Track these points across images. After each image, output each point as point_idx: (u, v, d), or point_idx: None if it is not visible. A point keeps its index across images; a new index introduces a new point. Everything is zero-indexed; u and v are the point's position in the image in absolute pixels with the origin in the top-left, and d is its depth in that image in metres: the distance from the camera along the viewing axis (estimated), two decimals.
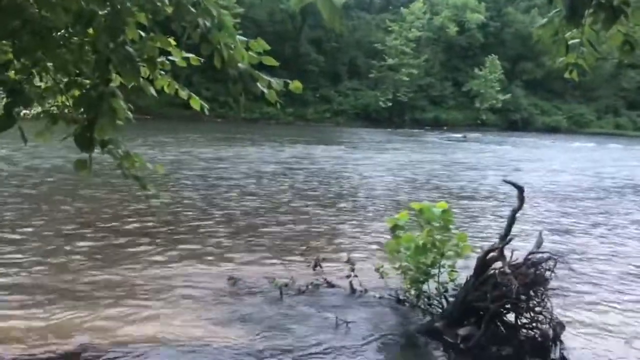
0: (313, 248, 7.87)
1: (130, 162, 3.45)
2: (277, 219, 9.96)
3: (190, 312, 5.46)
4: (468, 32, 61.57)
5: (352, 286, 6.10)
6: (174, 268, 6.76)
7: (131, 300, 5.65)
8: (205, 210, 10.37)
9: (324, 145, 27.52)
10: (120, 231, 8.40)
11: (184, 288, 6.08)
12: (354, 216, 10.73)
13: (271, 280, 6.23)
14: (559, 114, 62.61)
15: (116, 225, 8.76)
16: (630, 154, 33.59)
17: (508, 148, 33.67)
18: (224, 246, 7.92)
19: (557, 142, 42.37)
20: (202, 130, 29.65)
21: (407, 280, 5.74)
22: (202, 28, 2.66)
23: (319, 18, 52.63)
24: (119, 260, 6.89)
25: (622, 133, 59.64)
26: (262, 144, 25.95)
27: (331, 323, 5.30)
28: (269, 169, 17.30)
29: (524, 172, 20.74)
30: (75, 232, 8.21)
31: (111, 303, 5.52)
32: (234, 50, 2.92)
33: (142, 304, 5.57)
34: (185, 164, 17.14)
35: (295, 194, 12.91)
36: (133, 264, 6.81)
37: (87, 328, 4.91)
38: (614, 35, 2.93)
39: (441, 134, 45.44)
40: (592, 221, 11.48)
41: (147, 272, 6.55)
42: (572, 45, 3.07)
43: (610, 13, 2.62)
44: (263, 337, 4.97)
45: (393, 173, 18.18)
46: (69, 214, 9.44)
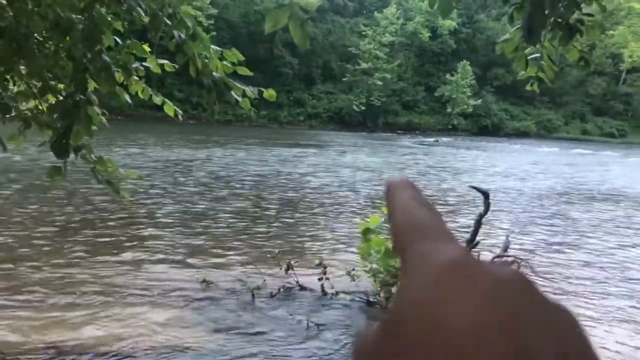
0: (285, 251, 7.94)
1: (103, 167, 3.49)
2: (250, 222, 10.00)
3: (161, 315, 5.48)
4: (440, 38, 62.43)
5: (323, 289, 6.20)
6: (145, 271, 6.76)
7: (102, 303, 5.64)
8: (177, 213, 10.35)
9: (297, 149, 27.60)
10: (90, 234, 8.34)
11: (155, 291, 6.09)
12: (326, 219, 10.84)
13: (243, 283, 6.30)
14: (528, 119, 63.89)
15: (86, 227, 8.70)
16: (594, 159, 34.49)
17: (478, 152, 34.24)
18: (196, 249, 7.94)
19: (525, 146, 43.24)
20: (174, 132, 29.45)
21: (377, 283, 5.87)
22: (177, 39, 2.73)
23: None
24: (89, 264, 6.86)
25: (588, 138, 61.22)
26: (235, 147, 25.90)
27: (302, 326, 5.38)
28: (241, 171, 17.30)
29: (493, 176, 21.15)
30: (46, 234, 8.12)
31: (80, 307, 5.50)
32: (209, 60, 2.99)
33: (113, 307, 5.56)
34: (157, 166, 17.02)
35: (267, 197, 12.95)
36: (103, 267, 6.78)
37: (55, 332, 4.90)
38: (571, 51, 3.10)
39: (413, 138, 45.96)
40: (557, 225, 11.80)
41: (117, 275, 6.53)
42: (533, 59, 3.23)
43: (566, 31, 2.78)
44: (234, 340, 5.04)
45: (366, 176, 18.35)
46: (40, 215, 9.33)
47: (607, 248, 9.79)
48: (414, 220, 0.28)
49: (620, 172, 25.82)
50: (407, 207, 0.29)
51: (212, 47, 3.21)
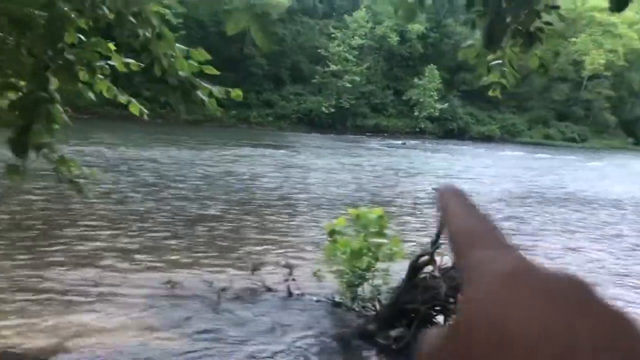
0: (252, 252, 7.93)
1: (65, 166, 3.43)
2: (216, 224, 9.94)
3: (126, 316, 5.41)
4: (409, 42, 63.05)
5: (289, 290, 6.21)
6: (110, 272, 6.66)
7: (65, 304, 5.54)
8: (143, 213, 10.21)
9: (265, 149, 27.52)
10: (52, 235, 8.16)
11: (120, 292, 6.01)
12: (293, 221, 10.85)
13: (209, 285, 6.26)
14: (493, 124, 65.01)
15: (49, 228, 8.51)
16: (556, 163, 35.36)
17: (444, 155, 34.73)
18: (161, 250, 7.85)
19: (489, 150, 44.03)
20: (142, 132, 28.99)
21: (342, 284, 5.90)
22: (143, 38, 2.70)
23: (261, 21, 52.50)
24: (52, 265, 6.72)
25: (551, 143, 62.67)
26: (203, 147, 25.66)
27: (267, 326, 5.38)
28: (209, 172, 17.16)
29: (457, 179, 21.48)
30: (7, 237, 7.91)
31: (42, 310, 5.39)
32: (174, 59, 2.97)
33: (75, 310, 5.47)
34: (121, 166, 16.75)
35: (235, 198, 12.89)
36: (67, 268, 6.65)
37: (16, 336, 4.78)
38: (532, 58, 3.19)
39: (381, 141, 46.32)
40: (518, 227, 12.07)
41: (82, 276, 6.42)
42: (495, 65, 3.31)
43: (526, 39, 2.86)
44: (199, 340, 5.00)
45: (334, 178, 18.42)
46: None
47: (563, 249, 10.07)
48: (472, 228, 0.29)
49: (580, 176, 26.54)
50: (463, 216, 0.30)
51: (178, 46, 3.20)
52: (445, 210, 0.31)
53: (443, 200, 0.32)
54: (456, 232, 0.29)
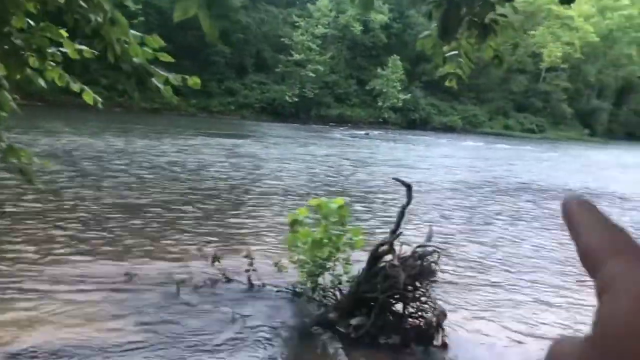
0: (212, 243, 7.86)
1: (14, 156, 3.32)
2: (175, 214, 9.81)
3: (83, 309, 5.31)
4: (372, 32, 63.28)
5: (250, 280, 6.19)
6: (67, 264, 6.51)
7: (19, 298, 5.39)
8: (100, 204, 9.99)
9: (227, 139, 27.26)
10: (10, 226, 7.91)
11: (77, 285, 5.89)
12: (254, 211, 10.80)
13: (168, 276, 6.19)
14: (455, 114, 66.04)
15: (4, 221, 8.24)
16: (515, 153, 36.20)
17: (406, 145, 35.11)
18: (119, 242, 7.71)
19: (451, 140, 44.75)
20: (98, 120, 28.31)
21: (303, 274, 5.92)
22: (94, 23, 2.63)
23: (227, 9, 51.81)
24: (11, 256, 6.52)
25: (510, 134, 64.10)
26: (161, 136, 25.24)
27: (228, 317, 5.36)
28: (167, 161, 16.89)
29: (419, 168, 21.77)
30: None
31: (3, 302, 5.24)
32: (128, 45, 2.90)
33: (33, 302, 5.33)
34: (76, 155, 16.32)
35: (195, 188, 12.74)
36: (20, 260, 6.47)
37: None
38: (487, 49, 3.24)
39: (345, 131, 46.47)
40: (478, 216, 12.34)
41: (38, 268, 6.25)
42: (451, 56, 3.35)
43: (481, 30, 2.90)
44: (158, 333, 4.95)
45: (296, 168, 18.41)
46: None
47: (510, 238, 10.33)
48: (605, 239, 0.28)
49: (536, 167, 27.26)
50: (594, 226, 0.29)
51: (132, 33, 3.12)
52: (574, 223, 0.30)
53: (571, 212, 0.31)
54: (588, 243, 0.28)
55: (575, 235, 0.30)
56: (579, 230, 0.30)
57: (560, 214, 0.32)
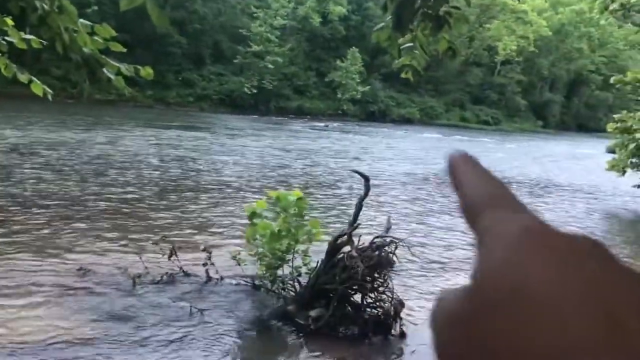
0: (169, 237, 7.73)
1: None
2: (130, 208, 9.61)
3: (34, 306, 5.16)
4: (331, 24, 63.26)
5: (208, 274, 6.13)
6: (18, 260, 6.29)
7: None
8: (51, 199, 9.69)
9: (184, 131, 26.83)
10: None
11: (29, 282, 5.71)
12: (212, 204, 10.68)
13: (124, 271, 6.06)
14: (413, 106, 66.79)
15: None
16: (471, 145, 36.94)
17: (365, 137, 35.35)
18: (72, 237, 7.50)
19: (409, 132, 45.28)
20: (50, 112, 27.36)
21: (262, 266, 5.89)
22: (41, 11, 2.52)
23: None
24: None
25: (466, 125, 65.33)
26: (116, 128, 24.64)
27: (185, 312, 5.30)
28: (122, 154, 16.51)
29: (377, 160, 21.96)
30: None
31: None
32: (77, 35, 2.80)
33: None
34: (26, 150, 15.76)
35: (151, 182, 12.50)
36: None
37: None
38: (441, 41, 3.27)
39: (304, 123, 46.43)
40: (434, 207, 12.54)
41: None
42: (406, 48, 3.37)
43: (435, 22, 2.92)
44: (112, 328, 4.85)
45: (255, 160, 18.29)
46: None
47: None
48: (484, 192, 0.29)
49: (493, 157, 27.86)
50: (475, 180, 0.30)
51: (81, 22, 3.02)
52: (455, 176, 0.31)
53: (454, 166, 0.32)
54: (468, 196, 0.29)
55: (456, 187, 0.30)
56: (461, 183, 0.30)
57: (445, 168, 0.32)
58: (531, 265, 0.23)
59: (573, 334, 0.21)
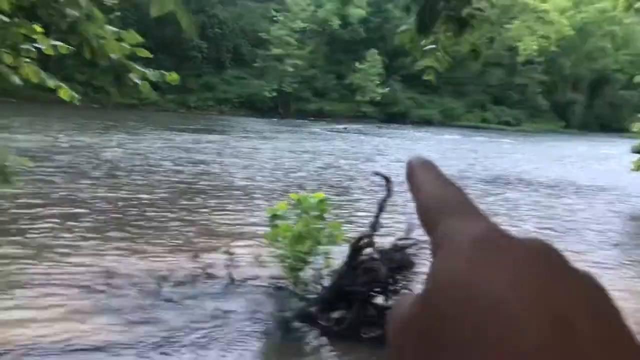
0: (192, 239, 7.83)
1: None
2: (156, 211, 9.73)
3: (63, 307, 5.26)
4: (350, 27, 63.32)
5: (231, 276, 6.18)
6: (45, 262, 6.42)
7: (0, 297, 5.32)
8: (75, 202, 9.87)
9: (205, 134, 27.08)
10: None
11: (56, 284, 5.82)
12: (234, 206, 10.77)
13: (148, 273, 6.14)
14: (433, 108, 66.45)
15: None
16: (493, 146, 36.59)
17: (384, 139, 35.25)
18: (98, 239, 7.63)
19: (429, 134, 45.02)
20: (75, 117, 27.87)
21: (284, 268, 5.92)
22: (70, 18, 2.59)
23: (203, 3, 51.34)
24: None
25: (487, 126, 64.75)
26: (140, 132, 24.97)
27: (209, 313, 5.35)
28: (145, 158, 16.74)
29: (397, 162, 21.88)
30: None
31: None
32: (105, 41, 2.87)
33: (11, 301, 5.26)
34: (53, 153, 16.07)
35: (174, 185, 12.65)
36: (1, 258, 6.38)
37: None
38: (464, 43, 3.27)
39: (324, 125, 46.46)
40: None
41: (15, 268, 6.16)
42: (429, 49, 3.38)
43: (458, 24, 2.93)
44: (138, 329, 4.92)
45: (276, 163, 18.37)
46: None
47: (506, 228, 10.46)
48: (441, 198, 0.29)
49: (516, 158, 27.58)
50: (432, 186, 0.30)
51: (108, 28, 3.08)
52: (413, 181, 0.31)
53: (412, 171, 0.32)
54: (425, 201, 0.29)
55: (414, 193, 0.31)
56: (418, 189, 0.30)
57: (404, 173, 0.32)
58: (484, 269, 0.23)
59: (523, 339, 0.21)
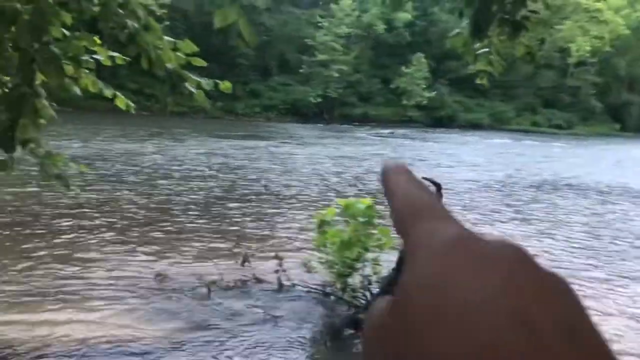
0: (241, 244, 7.92)
1: (52, 162, 3.40)
2: (206, 216, 9.91)
3: (115, 310, 5.40)
4: (396, 31, 63.01)
5: (280, 281, 6.22)
6: (100, 266, 6.63)
7: (54, 300, 5.51)
8: (129, 207, 10.16)
9: (253, 141, 27.44)
10: (37, 228, 8.10)
11: (108, 287, 5.99)
12: (282, 212, 10.85)
13: (199, 277, 6.25)
14: (481, 111, 65.25)
15: (38, 223, 8.44)
16: (544, 150, 35.59)
17: (432, 144, 34.83)
18: (150, 244, 7.82)
19: (477, 138, 44.19)
20: (127, 124, 28.75)
21: (332, 274, 5.92)
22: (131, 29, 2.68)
23: (248, 11, 52.12)
24: (44, 259, 6.68)
25: (538, 130, 63.01)
26: (189, 139, 25.53)
27: (259, 318, 5.40)
28: (196, 165, 17.09)
29: (446, 167, 21.58)
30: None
31: (33, 304, 5.37)
32: (162, 51, 2.95)
33: (66, 304, 5.45)
34: (108, 159, 16.62)
35: (224, 190, 12.86)
36: (57, 262, 6.62)
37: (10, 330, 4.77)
38: (518, 46, 3.20)
39: (369, 130, 46.30)
40: (507, 214, 12.18)
41: (71, 271, 6.38)
42: (482, 53, 3.33)
43: (512, 27, 2.87)
44: (189, 334, 5.01)
45: (322, 168, 18.43)
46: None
47: (555, 235, 10.18)
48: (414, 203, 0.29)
49: (567, 163, 26.75)
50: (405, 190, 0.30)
51: (165, 38, 3.17)
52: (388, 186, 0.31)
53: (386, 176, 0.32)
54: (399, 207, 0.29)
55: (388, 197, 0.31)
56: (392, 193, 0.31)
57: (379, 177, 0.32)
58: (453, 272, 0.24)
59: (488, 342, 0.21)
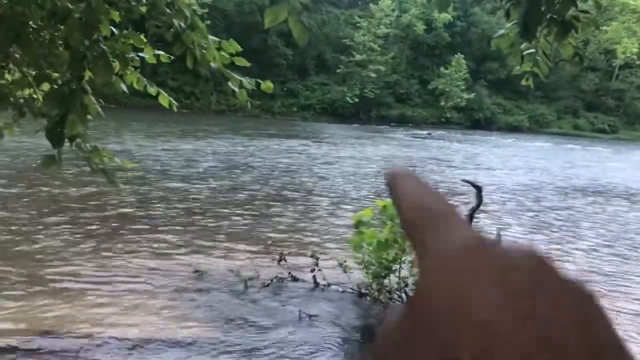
0: (278, 242, 7.97)
1: (98, 157, 3.48)
2: (243, 214, 10.01)
3: (154, 305, 5.50)
4: (435, 31, 62.39)
5: (315, 280, 6.23)
6: (137, 261, 6.77)
7: (95, 294, 5.65)
8: (169, 204, 10.34)
9: (290, 140, 27.58)
10: (79, 223, 8.32)
11: (147, 281, 6.11)
12: (319, 211, 10.86)
13: (236, 274, 6.32)
14: (521, 114, 64.03)
15: (79, 218, 8.67)
16: (586, 154, 34.69)
17: (470, 146, 34.34)
18: (189, 240, 7.94)
19: (517, 141, 43.37)
20: (168, 122, 29.30)
21: (369, 275, 5.90)
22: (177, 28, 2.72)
23: None
24: (83, 254, 6.85)
25: (580, 134, 61.44)
26: (228, 137, 25.83)
27: (294, 316, 5.42)
28: (234, 162, 17.28)
29: (485, 170, 21.24)
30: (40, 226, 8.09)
31: (76, 297, 5.51)
32: (206, 50, 2.99)
33: (106, 298, 5.58)
34: (148, 156, 16.97)
35: (261, 189, 12.96)
36: (98, 257, 6.78)
37: (47, 322, 4.91)
38: (566, 47, 3.12)
39: (406, 131, 45.98)
40: (548, 219, 11.90)
41: (112, 265, 6.54)
42: (528, 54, 3.25)
43: (561, 28, 2.80)
44: (226, 329, 5.07)
45: (359, 169, 18.38)
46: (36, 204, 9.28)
47: (596, 242, 9.90)
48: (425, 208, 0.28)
49: (610, 168, 26.00)
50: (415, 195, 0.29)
51: (210, 38, 3.21)
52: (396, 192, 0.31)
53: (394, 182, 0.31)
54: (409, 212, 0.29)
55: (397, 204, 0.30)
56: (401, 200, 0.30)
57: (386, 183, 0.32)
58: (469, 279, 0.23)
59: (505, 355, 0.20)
